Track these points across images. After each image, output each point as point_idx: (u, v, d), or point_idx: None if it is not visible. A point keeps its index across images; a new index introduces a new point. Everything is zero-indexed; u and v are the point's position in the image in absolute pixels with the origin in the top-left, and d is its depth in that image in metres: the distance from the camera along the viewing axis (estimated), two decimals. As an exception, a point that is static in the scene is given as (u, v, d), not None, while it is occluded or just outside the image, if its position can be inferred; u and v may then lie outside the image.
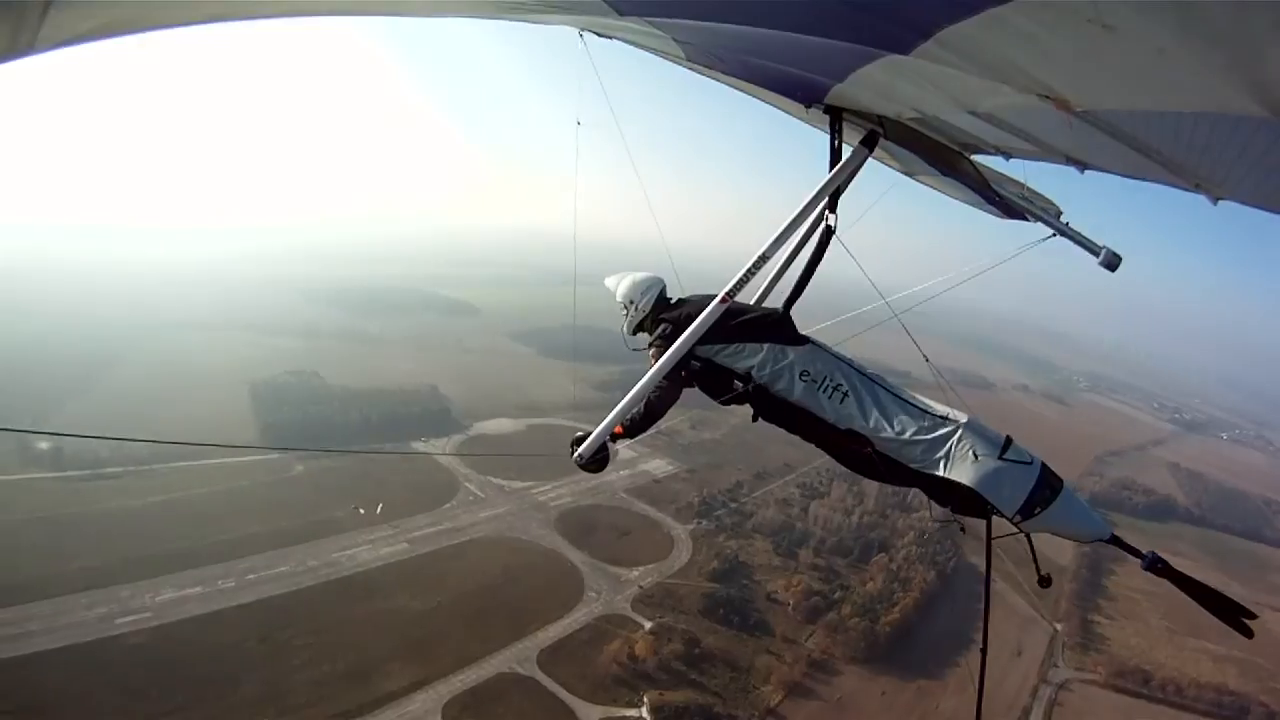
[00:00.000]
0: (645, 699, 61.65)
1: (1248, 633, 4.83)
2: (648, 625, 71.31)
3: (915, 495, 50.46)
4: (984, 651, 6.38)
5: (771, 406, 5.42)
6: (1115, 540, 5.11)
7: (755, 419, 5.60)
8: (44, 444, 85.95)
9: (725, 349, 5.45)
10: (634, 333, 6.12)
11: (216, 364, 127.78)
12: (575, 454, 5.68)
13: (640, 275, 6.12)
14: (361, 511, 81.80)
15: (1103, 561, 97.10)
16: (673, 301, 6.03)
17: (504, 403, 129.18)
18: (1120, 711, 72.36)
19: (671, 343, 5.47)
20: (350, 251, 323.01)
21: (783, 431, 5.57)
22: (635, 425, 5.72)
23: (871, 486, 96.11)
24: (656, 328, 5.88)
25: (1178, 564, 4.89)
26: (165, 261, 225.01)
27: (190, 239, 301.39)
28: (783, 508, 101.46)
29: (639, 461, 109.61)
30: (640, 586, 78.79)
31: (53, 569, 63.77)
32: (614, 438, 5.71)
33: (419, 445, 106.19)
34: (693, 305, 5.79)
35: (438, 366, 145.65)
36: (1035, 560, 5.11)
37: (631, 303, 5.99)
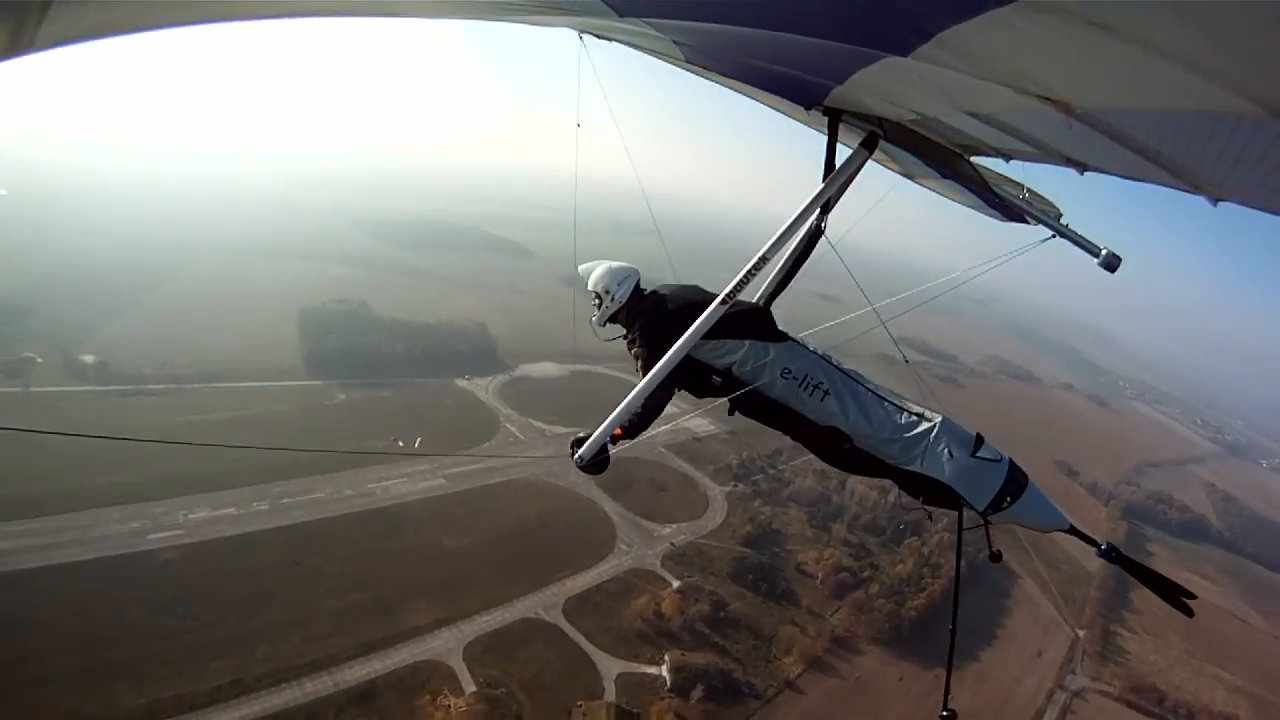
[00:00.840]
0: (667, 658, 61.57)
1: (1188, 611, 5.41)
2: (676, 584, 71.46)
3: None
4: (953, 633, 6.58)
5: (751, 402, 5.47)
6: (1073, 530, 5.57)
7: (731, 413, 5.66)
8: (88, 357, 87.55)
9: (705, 344, 5.39)
10: (605, 324, 6.03)
11: (268, 288, 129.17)
12: (575, 455, 5.62)
13: (616, 264, 5.99)
14: (400, 444, 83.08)
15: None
16: (646, 293, 5.94)
17: (551, 347, 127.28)
18: (1131, 728, 71.90)
19: (653, 339, 5.50)
20: (400, 182, 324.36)
21: None
22: (634, 425, 5.66)
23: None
24: (634, 321, 5.81)
25: (1201, 586, 4.59)
26: (229, 183, 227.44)
27: (254, 161, 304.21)
28: (820, 479, 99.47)
29: (681, 418, 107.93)
30: (672, 544, 78.94)
31: (89, 482, 63.67)
32: (614, 440, 5.65)
33: (462, 383, 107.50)
34: (673, 300, 5.72)
35: (488, 305, 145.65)
36: (990, 542, 5.35)
37: (606, 292, 5.88)
